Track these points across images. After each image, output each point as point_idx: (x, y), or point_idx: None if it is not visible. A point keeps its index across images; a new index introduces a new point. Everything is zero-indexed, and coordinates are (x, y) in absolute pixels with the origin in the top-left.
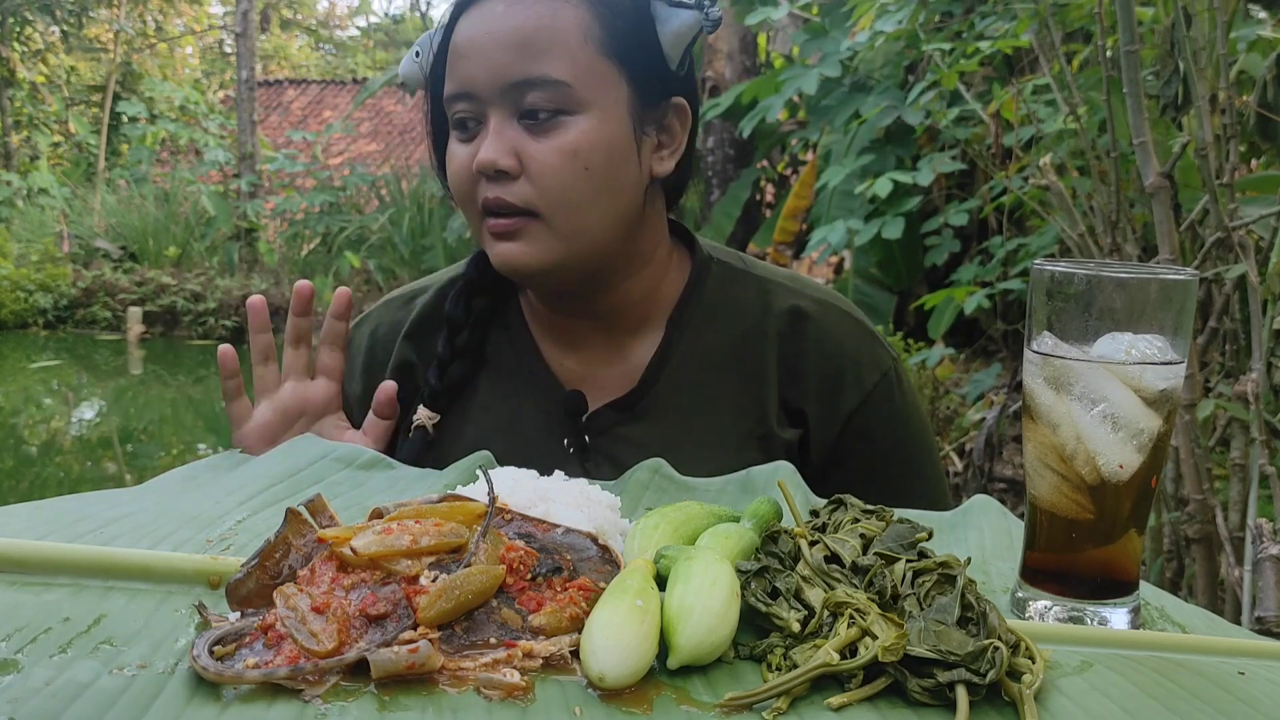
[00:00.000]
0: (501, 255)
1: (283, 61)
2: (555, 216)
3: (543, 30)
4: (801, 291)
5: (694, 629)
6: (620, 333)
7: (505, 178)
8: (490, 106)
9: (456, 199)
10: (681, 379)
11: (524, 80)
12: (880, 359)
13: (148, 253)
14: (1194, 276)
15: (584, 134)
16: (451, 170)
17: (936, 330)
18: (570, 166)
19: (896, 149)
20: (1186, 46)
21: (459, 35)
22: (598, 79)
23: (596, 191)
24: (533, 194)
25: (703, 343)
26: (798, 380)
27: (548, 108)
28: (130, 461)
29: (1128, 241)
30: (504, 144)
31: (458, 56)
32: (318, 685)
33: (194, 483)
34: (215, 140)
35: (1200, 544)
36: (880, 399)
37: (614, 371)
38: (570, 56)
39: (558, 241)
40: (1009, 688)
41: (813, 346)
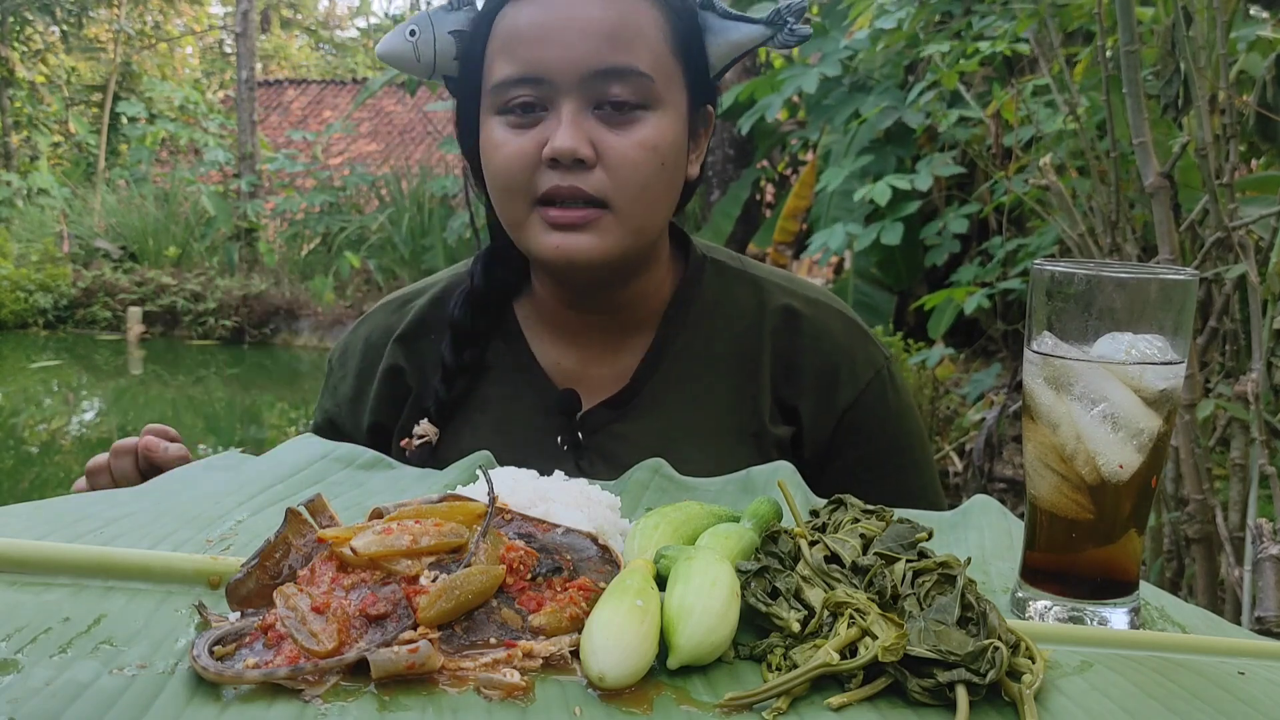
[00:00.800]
0: (562, 247)
1: (283, 61)
2: (626, 209)
3: (629, 22)
4: (796, 290)
5: (694, 629)
6: (616, 331)
7: (581, 167)
8: (564, 94)
9: (503, 186)
10: (674, 376)
11: (610, 69)
12: (874, 357)
13: (148, 253)
14: (1194, 276)
15: (660, 130)
16: (502, 156)
17: (936, 330)
18: (650, 161)
19: (896, 149)
20: (1186, 46)
21: (521, 18)
22: (671, 77)
23: (664, 188)
24: (608, 185)
25: (697, 341)
26: (792, 377)
27: (630, 100)
28: None
29: (1128, 241)
30: (581, 133)
31: (520, 39)
32: (318, 685)
33: (194, 483)
34: (215, 140)
35: (1200, 544)
36: (874, 396)
37: (608, 370)
38: (652, 51)
39: (623, 235)
40: (1009, 688)
41: (808, 344)
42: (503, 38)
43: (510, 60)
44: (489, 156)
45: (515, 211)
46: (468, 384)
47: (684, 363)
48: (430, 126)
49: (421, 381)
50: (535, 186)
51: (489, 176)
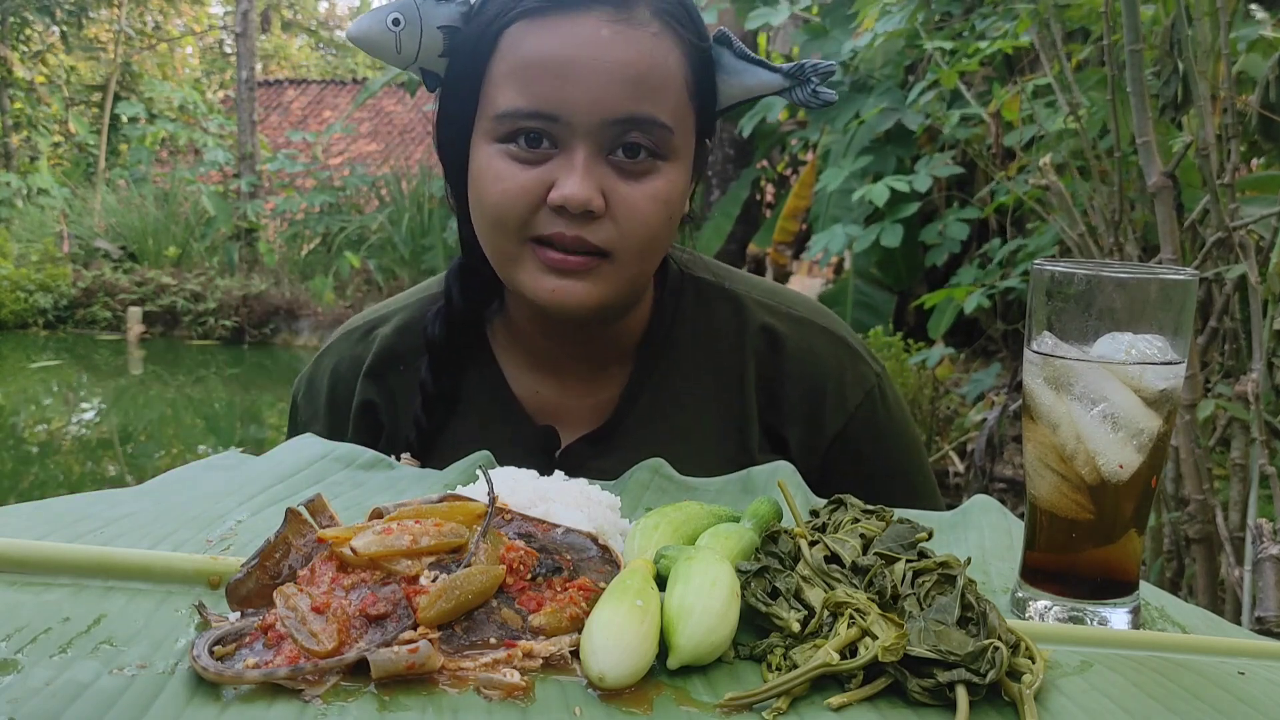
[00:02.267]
0: (558, 292)
1: (283, 61)
2: (627, 259)
3: (655, 69)
4: (778, 309)
5: (694, 629)
6: (594, 361)
7: (589, 217)
8: (579, 137)
9: (496, 220)
10: (656, 408)
11: (630, 118)
12: (863, 376)
13: (148, 253)
14: (1194, 276)
15: (672, 182)
16: (500, 191)
17: (936, 330)
18: (660, 214)
19: (896, 149)
20: (1187, 46)
21: (537, 44)
22: (687, 124)
23: (666, 237)
24: (615, 236)
25: (678, 369)
26: (778, 404)
27: (646, 148)
28: (130, 461)
29: (1128, 241)
30: (594, 182)
31: (536, 70)
32: (318, 685)
33: (194, 483)
34: (215, 141)
35: (1200, 544)
36: (865, 418)
37: (587, 401)
38: (674, 100)
39: (621, 283)
40: (1009, 688)
41: (793, 368)
42: (514, 61)
43: (522, 91)
44: (483, 185)
45: (506, 247)
46: (446, 412)
47: (666, 392)
48: (430, 126)
49: (394, 416)
50: (534, 226)
51: (479, 205)
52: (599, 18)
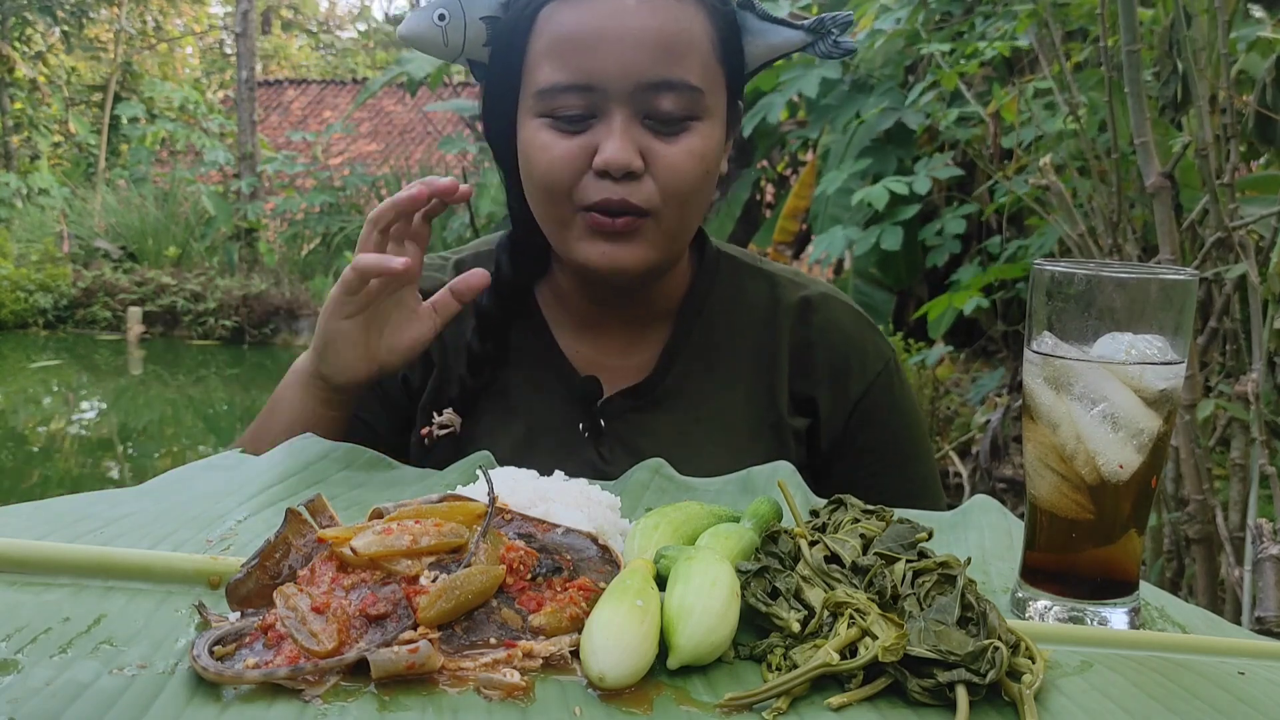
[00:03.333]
0: (608, 255)
1: (283, 62)
2: (669, 217)
3: (681, 33)
4: (807, 284)
5: (694, 629)
6: (634, 323)
7: (630, 178)
8: (615, 103)
9: (544, 191)
10: (694, 368)
11: (662, 82)
12: (882, 349)
13: (148, 253)
14: (1194, 276)
15: (706, 139)
16: (547, 162)
17: (936, 331)
18: (697, 170)
19: (897, 150)
20: (1186, 46)
21: (570, 20)
22: (717, 85)
23: (705, 193)
24: (655, 195)
25: (714, 334)
26: (808, 370)
27: (679, 113)
28: (130, 461)
29: (1128, 242)
30: (632, 144)
31: (570, 44)
32: (318, 685)
33: (194, 483)
34: (215, 141)
35: (1200, 544)
36: (882, 387)
37: (628, 361)
38: (702, 62)
39: (665, 241)
40: (1009, 688)
41: (820, 337)
42: (549, 39)
43: (559, 65)
44: (531, 158)
45: (557, 215)
46: (492, 373)
47: (702, 355)
48: (430, 126)
49: (443, 357)
50: (582, 194)
51: (529, 178)
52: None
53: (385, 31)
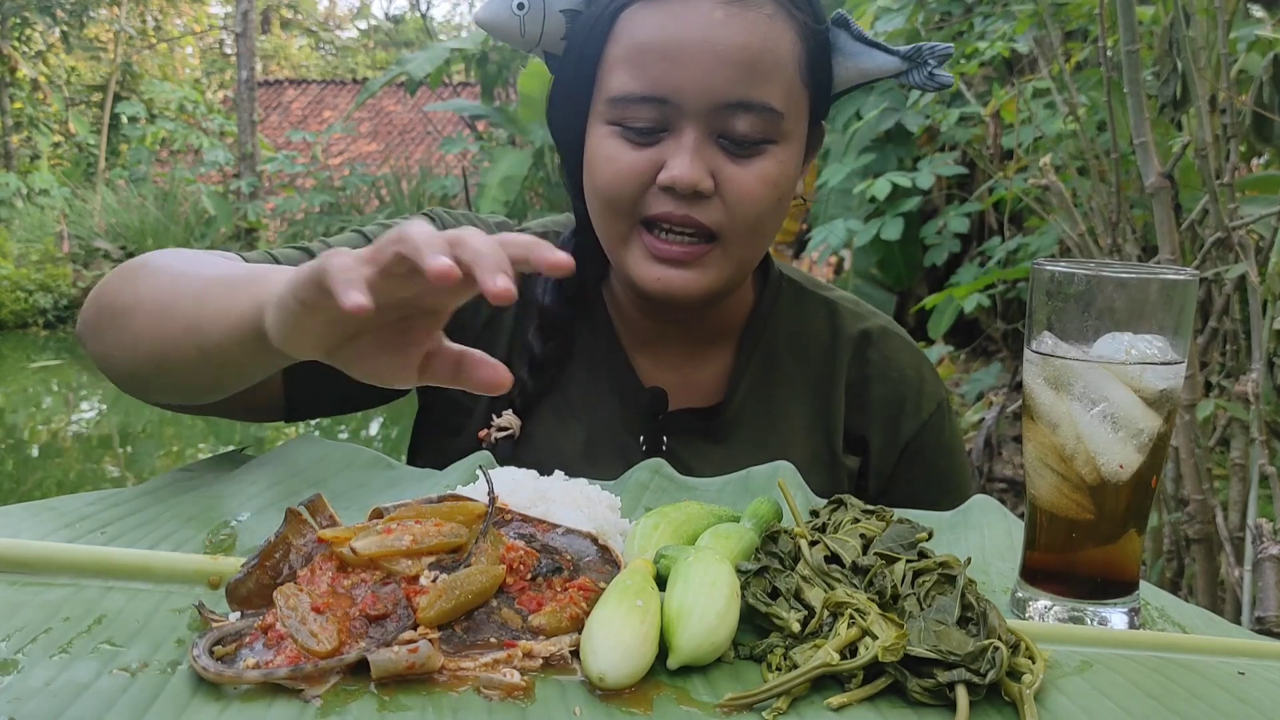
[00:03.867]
0: (664, 280)
1: (283, 61)
2: (737, 242)
3: (768, 53)
4: (866, 316)
5: (694, 629)
6: (692, 342)
7: (697, 198)
8: (689, 119)
9: (607, 201)
10: (755, 398)
11: (740, 102)
12: (936, 390)
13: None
14: (1194, 276)
15: (782, 164)
16: (612, 173)
17: (937, 330)
18: (769, 196)
19: (897, 149)
20: (1186, 46)
21: (651, 26)
22: (799, 108)
23: (776, 220)
24: (724, 218)
25: (775, 362)
26: (863, 408)
27: (755, 135)
28: (130, 461)
29: (1128, 242)
30: (703, 163)
31: (648, 53)
32: (318, 685)
33: (194, 483)
34: (214, 140)
35: (1200, 544)
36: (934, 429)
37: (687, 378)
38: (786, 84)
39: (729, 268)
40: (1009, 688)
41: (877, 373)
42: (628, 44)
43: (635, 74)
44: (597, 166)
45: (616, 229)
46: (553, 375)
47: (762, 385)
48: (430, 126)
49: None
50: (644, 207)
51: (592, 186)
52: (713, 0)
53: (385, 31)
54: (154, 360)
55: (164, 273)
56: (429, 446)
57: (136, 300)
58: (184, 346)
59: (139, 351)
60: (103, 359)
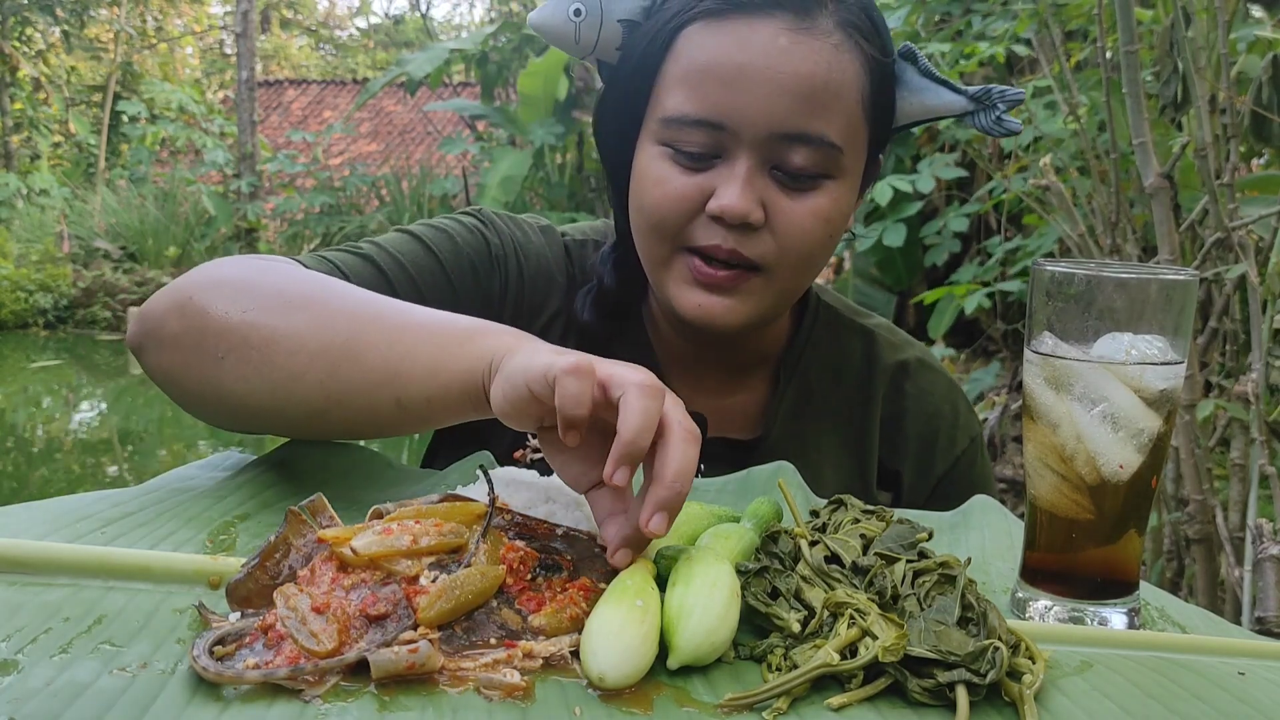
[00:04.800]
0: (705, 307)
1: (283, 62)
2: (783, 275)
3: (830, 84)
4: (902, 347)
5: (694, 629)
6: (728, 369)
7: (746, 229)
8: (744, 147)
9: (653, 225)
10: (789, 430)
11: (799, 134)
12: (971, 425)
13: (148, 253)
14: (1194, 276)
15: (837, 201)
16: (660, 196)
17: (936, 330)
18: (821, 231)
19: (896, 148)
20: (1186, 47)
21: (711, 47)
22: (858, 142)
23: (826, 255)
24: (772, 251)
25: (811, 393)
26: (897, 443)
27: (812, 169)
28: (130, 461)
29: (1128, 242)
30: (754, 195)
31: (707, 75)
32: (318, 685)
33: (194, 483)
34: (215, 141)
35: (1200, 544)
36: (966, 464)
37: (721, 403)
38: (846, 118)
39: (772, 299)
40: (1009, 688)
41: (913, 406)
42: (687, 64)
43: (691, 95)
44: (645, 187)
45: (659, 251)
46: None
47: (798, 416)
48: (430, 126)
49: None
50: (690, 235)
51: (638, 207)
52: (779, 25)
53: (386, 30)
54: (318, 402)
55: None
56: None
57: (285, 333)
58: (376, 396)
59: (294, 390)
60: (200, 383)
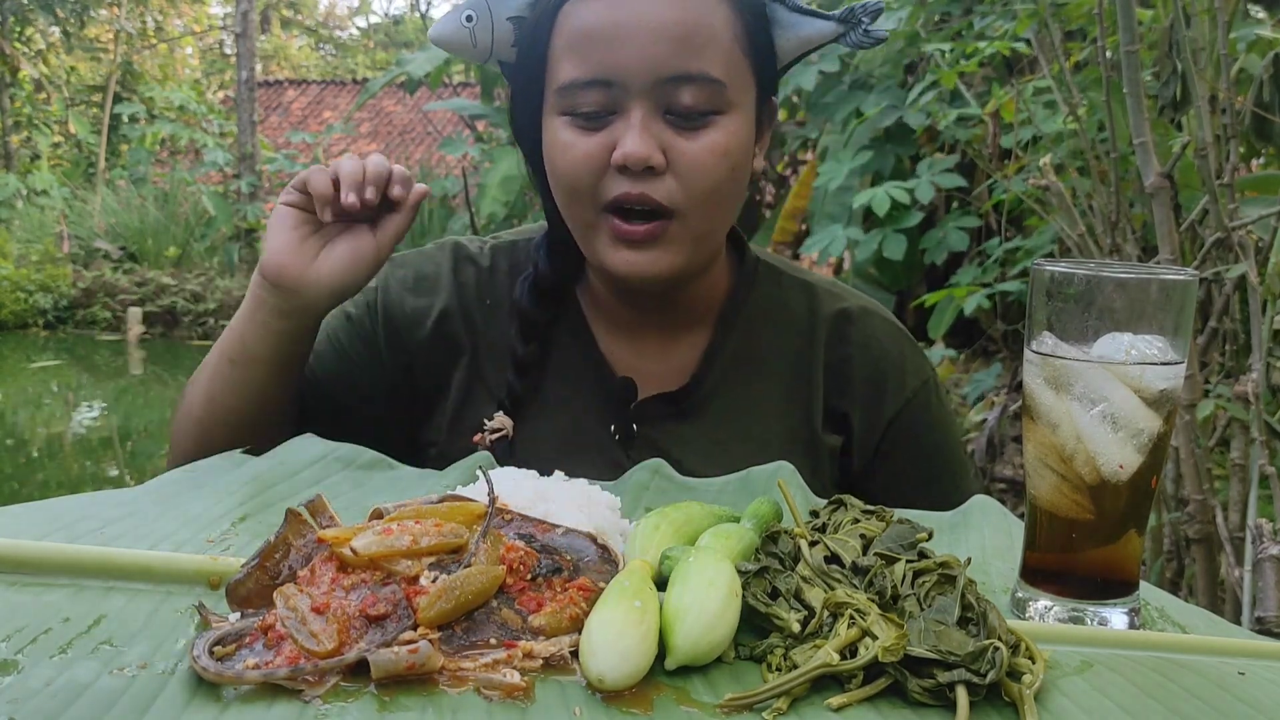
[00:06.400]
0: (631, 263)
1: (283, 62)
2: (693, 217)
3: (703, 25)
4: (845, 297)
5: (690, 629)
6: (670, 327)
7: (650, 174)
8: (634, 98)
9: (569, 192)
10: (730, 379)
11: (682, 75)
12: (921, 366)
13: (148, 253)
14: (1194, 276)
15: (732, 134)
16: (569, 161)
17: (936, 330)
18: (720, 166)
19: (896, 147)
20: (1185, 47)
21: (589, 16)
22: (741, 78)
23: (732, 192)
24: (678, 192)
25: (751, 343)
26: (843, 385)
27: (701, 107)
28: (130, 461)
29: (1127, 242)
30: (651, 139)
31: (588, 40)
32: (318, 686)
33: (194, 483)
34: (215, 141)
35: (1200, 544)
36: (919, 405)
37: (664, 365)
38: (725, 54)
39: (690, 244)
40: (1009, 688)
41: (858, 352)
42: (569, 35)
43: (578, 61)
44: (554, 157)
45: (582, 216)
46: (538, 375)
47: (739, 365)
48: (430, 127)
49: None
50: (603, 192)
51: (554, 177)
52: None
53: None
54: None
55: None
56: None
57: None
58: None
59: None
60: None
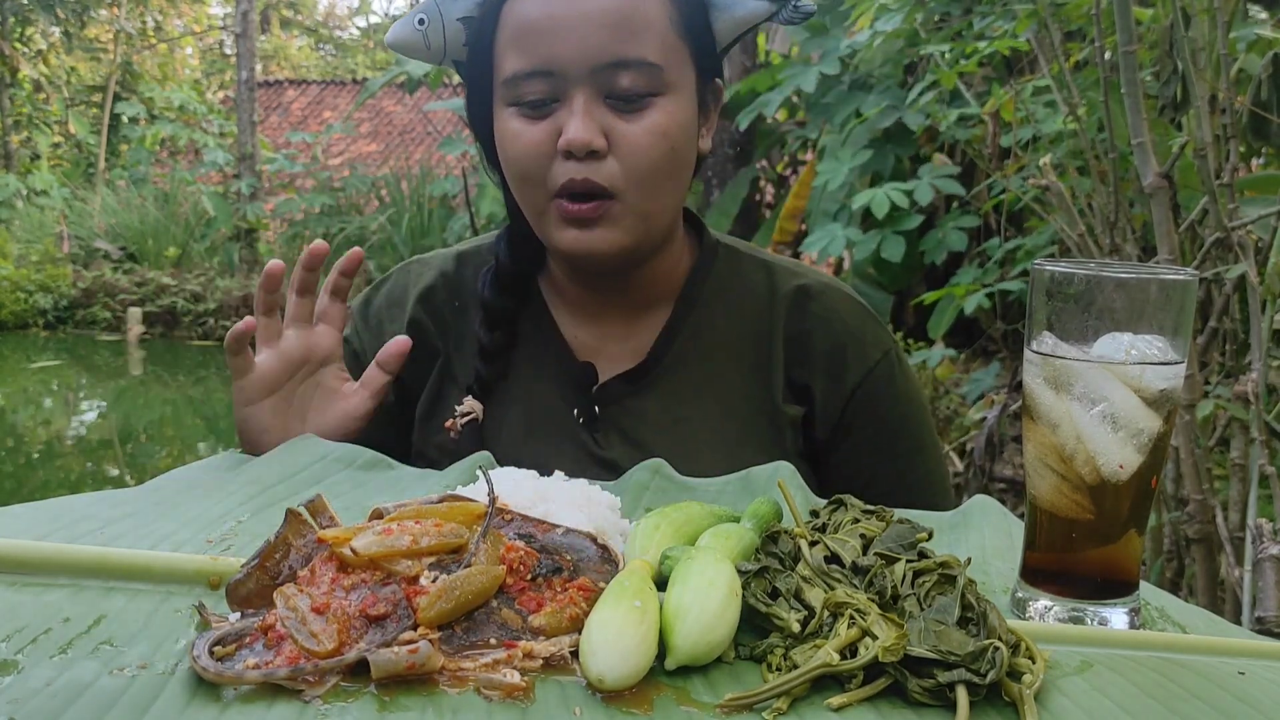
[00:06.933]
0: (579, 241)
1: (283, 62)
2: (635, 197)
3: (637, 12)
4: (804, 274)
5: (690, 629)
6: (631, 308)
7: (593, 158)
8: (575, 85)
9: (520, 179)
10: (689, 354)
11: (619, 61)
12: (881, 338)
13: (148, 253)
14: (1194, 276)
15: (670, 115)
16: (518, 149)
17: (936, 330)
18: (659, 147)
19: (896, 148)
20: (1185, 47)
21: (529, 9)
22: (679, 60)
23: (673, 172)
24: (619, 174)
25: (711, 321)
26: (803, 357)
27: (640, 90)
28: (130, 461)
29: (1127, 242)
30: (594, 123)
31: (529, 32)
32: (318, 686)
33: (194, 483)
34: (215, 141)
35: (1200, 544)
36: (882, 377)
37: (625, 346)
38: (659, 38)
39: (634, 222)
40: (1009, 688)
41: (818, 325)
42: (511, 29)
43: (520, 54)
44: (505, 147)
45: (534, 202)
46: (503, 363)
47: (698, 341)
48: (430, 126)
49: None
50: (552, 178)
51: (506, 166)
52: None
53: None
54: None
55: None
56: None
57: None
58: None
59: None
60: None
